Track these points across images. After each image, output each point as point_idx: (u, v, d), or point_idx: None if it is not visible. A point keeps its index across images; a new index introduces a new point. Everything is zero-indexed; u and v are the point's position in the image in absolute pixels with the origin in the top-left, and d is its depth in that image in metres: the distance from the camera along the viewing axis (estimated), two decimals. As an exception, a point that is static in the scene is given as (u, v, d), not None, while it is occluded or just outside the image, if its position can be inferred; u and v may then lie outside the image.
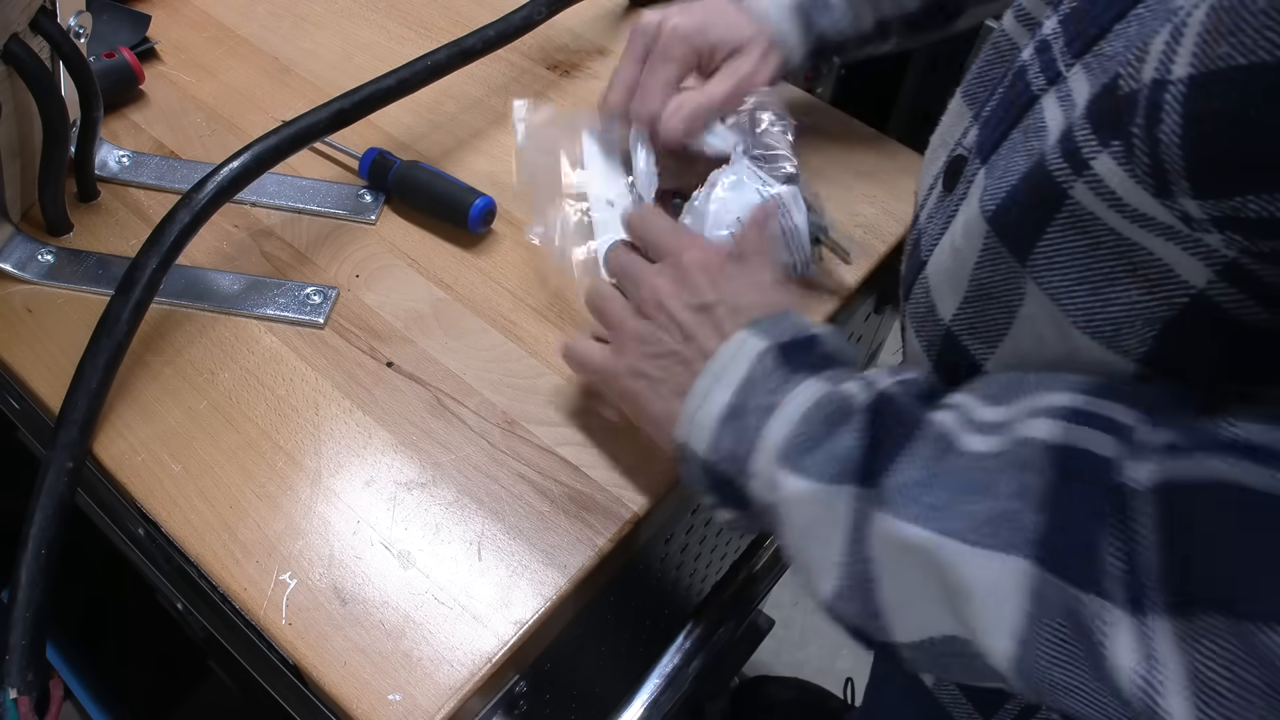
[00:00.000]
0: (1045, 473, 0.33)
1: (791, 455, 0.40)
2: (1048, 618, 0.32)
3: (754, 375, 0.43)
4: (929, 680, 0.55)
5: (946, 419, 0.37)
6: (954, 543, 0.34)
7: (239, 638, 0.53)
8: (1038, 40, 0.41)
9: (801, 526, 0.40)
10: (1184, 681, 0.29)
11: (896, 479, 0.37)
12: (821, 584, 0.39)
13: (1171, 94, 0.28)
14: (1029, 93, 0.40)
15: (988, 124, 0.44)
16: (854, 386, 0.41)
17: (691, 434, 0.44)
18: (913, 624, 0.37)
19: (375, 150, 0.67)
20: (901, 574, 0.36)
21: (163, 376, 0.56)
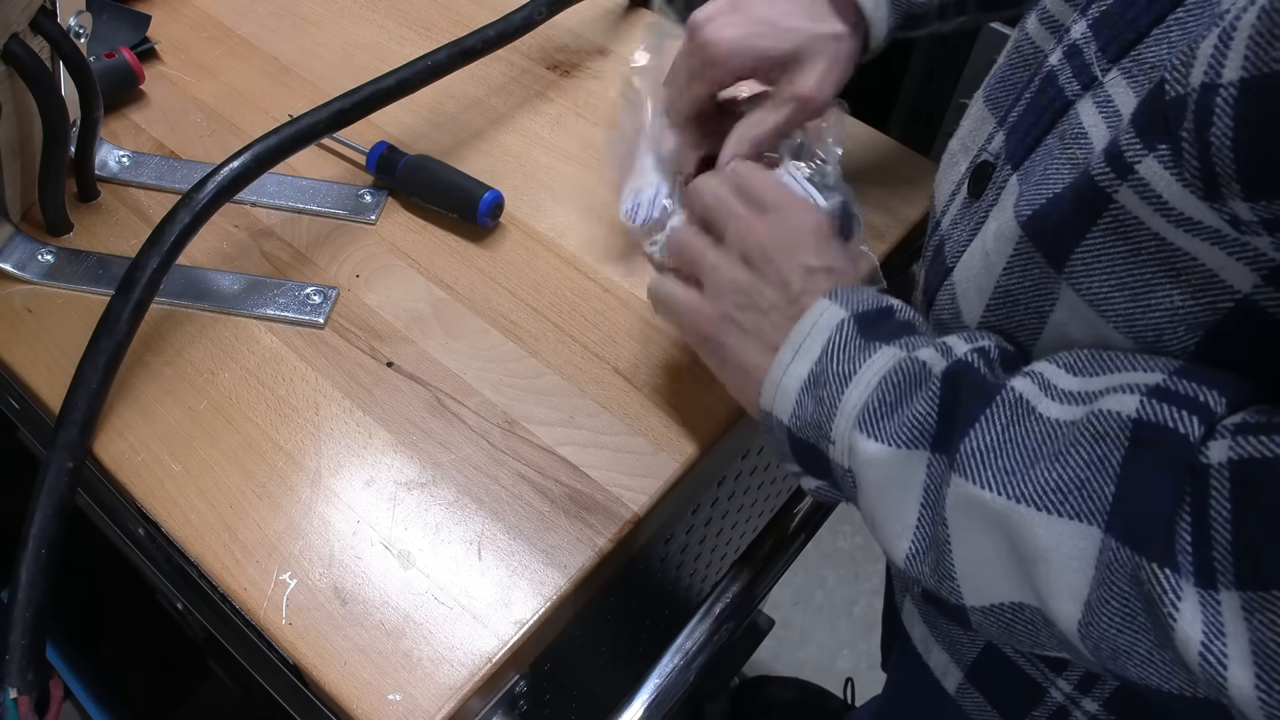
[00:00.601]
0: (1122, 445, 0.33)
1: (868, 420, 0.41)
2: (1116, 585, 0.32)
3: (833, 344, 0.43)
4: (951, 687, 0.54)
5: (1023, 385, 0.38)
6: (1026, 508, 0.35)
7: (239, 638, 0.53)
8: (1066, 45, 0.41)
9: (877, 490, 0.41)
10: (1248, 652, 0.29)
11: (971, 444, 0.37)
12: (896, 546, 0.40)
13: (1223, 97, 0.29)
14: (1062, 98, 0.40)
15: (1016, 130, 0.43)
16: (929, 353, 0.41)
17: (776, 402, 0.45)
18: (984, 588, 0.38)
19: (384, 144, 0.67)
20: (973, 538, 0.37)
21: (163, 376, 0.56)
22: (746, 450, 0.69)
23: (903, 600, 0.58)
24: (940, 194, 0.51)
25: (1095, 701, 0.47)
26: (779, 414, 0.45)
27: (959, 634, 0.52)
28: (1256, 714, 0.30)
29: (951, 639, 0.53)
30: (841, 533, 1.54)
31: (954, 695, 0.54)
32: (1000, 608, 0.38)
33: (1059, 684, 0.48)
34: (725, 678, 1.24)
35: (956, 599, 0.39)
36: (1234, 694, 0.30)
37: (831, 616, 1.46)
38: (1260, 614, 0.29)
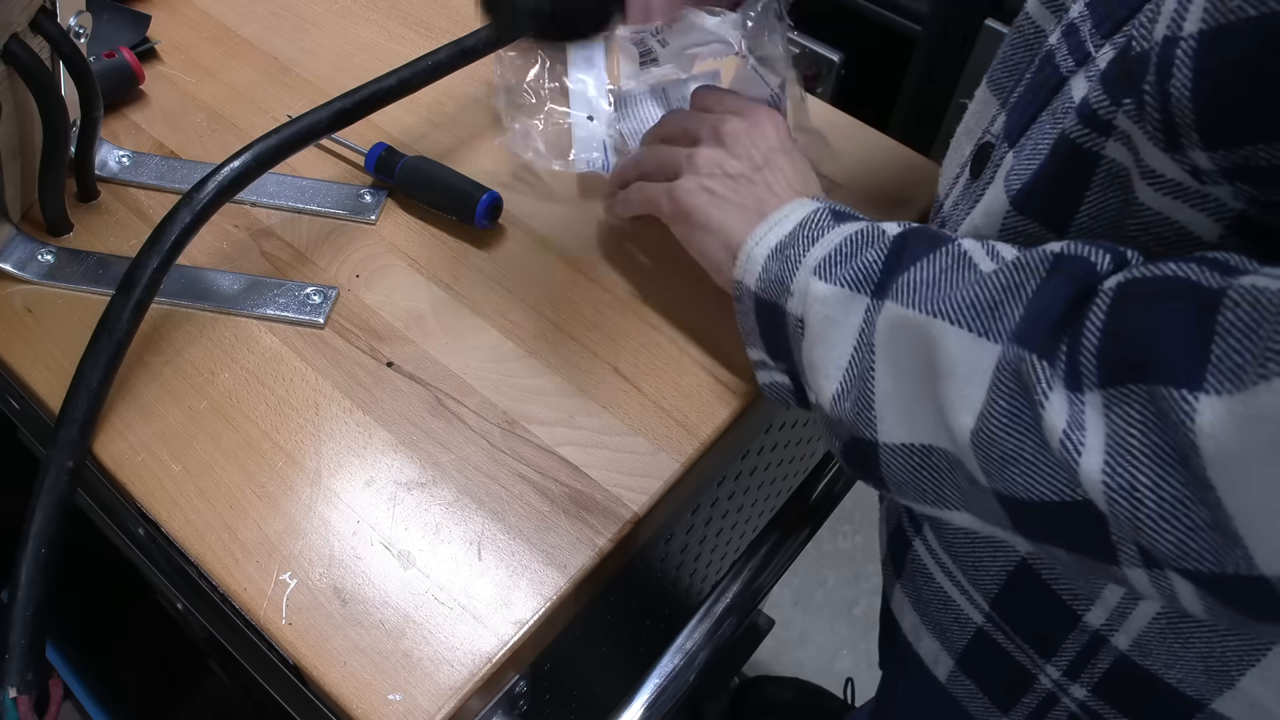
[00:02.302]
0: (1039, 273, 0.36)
1: (824, 268, 0.44)
2: (1005, 385, 0.35)
3: (806, 221, 0.48)
4: (942, 676, 0.55)
5: (970, 245, 0.40)
6: (941, 321, 0.37)
7: (239, 638, 0.53)
8: (1065, 24, 0.41)
9: (818, 329, 0.44)
10: (1102, 442, 0.32)
11: (909, 276, 0.40)
12: (826, 386, 0.43)
13: (1183, 49, 0.30)
14: (1058, 75, 0.41)
15: (1015, 109, 0.44)
16: (891, 226, 0.45)
17: (746, 269, 0.49)
18: (898, 423, 0.40)
19: (382, 145, 0.67)
20: (895, 359, 0.40)
21: (163, 376, 0.56)
22: (747, 450, 0.69)
23: (891, 589, 0.58)
24: (945, 179, 0.52)
25: (1083, 687, 0.47)
26: (747, 280, 0.49)
27: (949, 621, 0.53)
28: (1100, 498, 0.32)
29: (941, 626, 0.53)
30: (842, 533, 1.54)
31: (945, 684, 0.55)
32: (910, 448, 0.40)
33: (1048, 670, 0.48)
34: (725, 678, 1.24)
35: (871, 433, 0.41)
36: (1083, 479, 0.32)
37: (831, 617, 1.46)
38: (1116, 407, 0.31)
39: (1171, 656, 0.43)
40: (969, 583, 0.50)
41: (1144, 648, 0.43)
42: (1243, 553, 0.29)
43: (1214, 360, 0.28)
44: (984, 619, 0.50)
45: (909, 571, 0.55)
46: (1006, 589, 0.48)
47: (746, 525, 0.88)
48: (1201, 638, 0.41)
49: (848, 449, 0.44)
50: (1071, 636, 0.46)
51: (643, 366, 0.58)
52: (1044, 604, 0.46)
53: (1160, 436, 0.30)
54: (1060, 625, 0.46)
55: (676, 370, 0.58)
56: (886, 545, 0.59)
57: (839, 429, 0.44)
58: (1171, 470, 0.30)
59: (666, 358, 0.59)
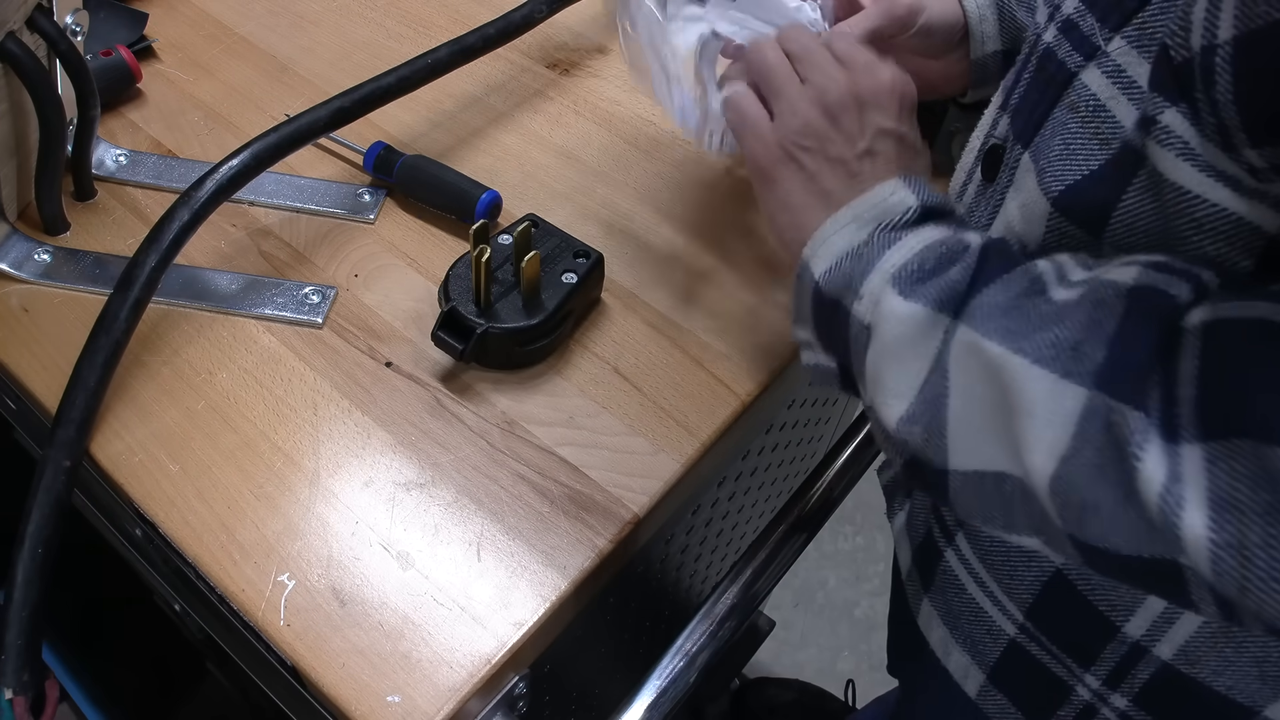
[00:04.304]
0: (1118, 310, 0.35)
1: (902, 279, 0.42)
2: (1090, 434, 0.34)
3: (890, 222, 0.45)
4: (972, 691, 0.54)
5: (1044, 267, 0.39)
6: (1022, 360, 0.36)
7: (237, 639, 0.53)
8: (1060, 21, 0.41)
9: (891, 346, 0.41)
10: (1204, 498, 0.30)
11: (984, 298, 0.39)
12: (893, 406, 0.41)
13: (1221, 56, 0.31)
14: (1064, 71, 0.41)
15: (1020, 110, 0.44)
16: (974, 236, 0.42)
17: (817, 252, 0.46)
18: (970, 450, 0.39)
19: (381, 144, 0.67)
20: (970, 388, 0.38)
21: (160, 376, 0.56)
22: (747, 451, 0.68)
23: (918, 604, 0.57)
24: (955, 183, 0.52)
25: (1125, 697, 0.46)
26: (815, 266, 0.46)
27: (981, 634, 0.52)
28: (1203, 556, 0.31)
29: (973, 639, 0.53)
30: (843, 534, 1.54)
31: (975, 698, 0.54)
32: (981, 475, 0.38)
33: (1086, 680, 0.47)
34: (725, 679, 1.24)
35: (941, 461, 0.40)
36: (1185, 534, 0.31)
37: (832, 618, 1.45)
38: (1220, 462, 0.30)
39: (1222, 663, 0.42)
40: (1003, 593, 0.49)
41: (1190, 656, 0.43)
42: None
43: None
44: (1017, 630, 0.49)
45: (939, 584, 0.54)
46: (1041, 598, 0.48)
47: (747, 526, 0.88)
48: (1257, 642, 0.41)
49: (912, 467, 0.42)
50: (1110, 647, 0.45)
51: (643, 366, 0.58)
52: (1081, 614, 0.46)
53: (1270, 494, 0.29)
54: (1098, 636, 0.46)
55: (676, 370, 0.58)
56: (912, 557, 0.58)
57: (903, 448, 0.42)
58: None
59: (666, 358, 0.59)
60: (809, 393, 0.75)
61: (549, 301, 0.56)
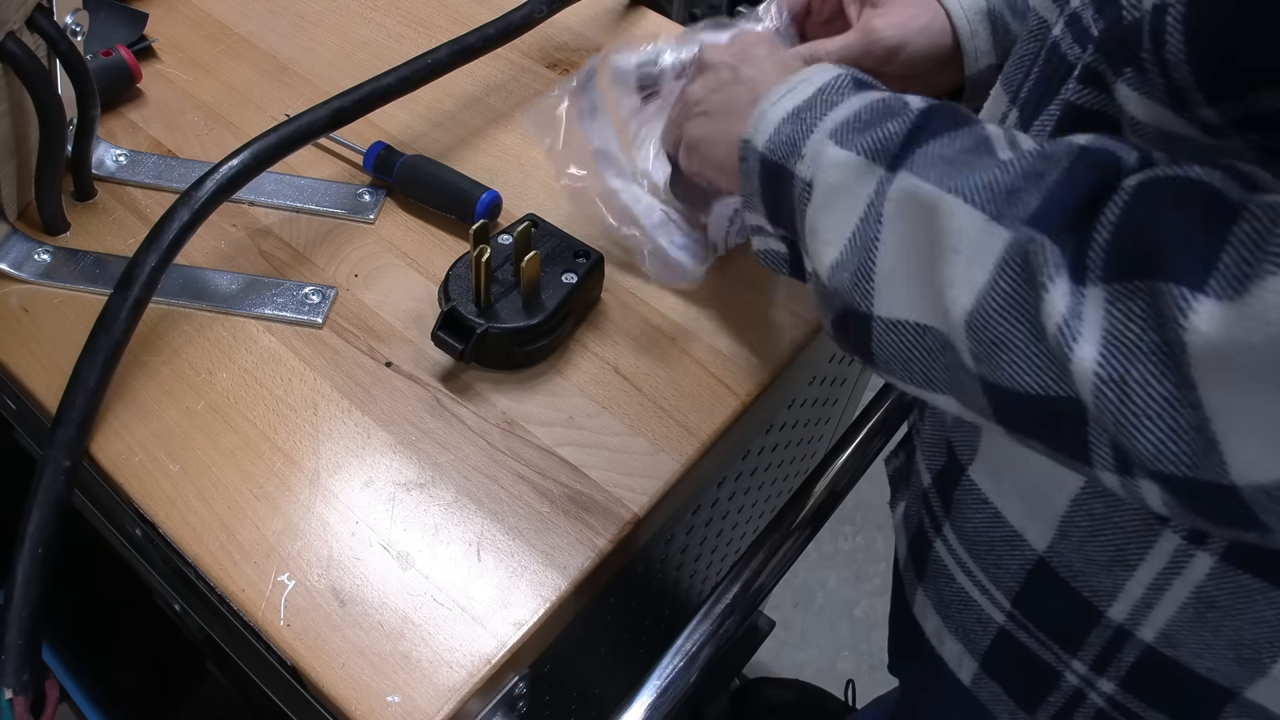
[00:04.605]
0: (1061, 163, 0.35)
1: (841, 133, 0.43)
2: (1010, 267, 0.34)
3: (828, 86, 0.46)
4: (966, 679, 0.54)
5: (994, 130, 0.39)
6: (956, 200, 0.36)
7: (237, 639, 0.53)
8: (1067, 14, 0.42)
9: (826, 195, 0.43)
10: (1098, 335, 0.32)
11: (928, 150, 0.39)
12: (826, 253, 0.42)
13: (1172, 15, 0.31)
14: (1065, 63, 0.41)
15: (1027, 104, 0.45)
16: (915, 98, 0.43)
17: (758, 127, 0.47)
18: (896, 296, 0.40)
19: (381, 144, 0.67)
20: (901, 229, 0.39)
21: (160, 376, 0.56)
22: (747, 450, 0.68)
23: (914, 593, 0.58)
24: None
25: (1111, 681, 0.46)
26: (756, 140, 0.47)
27: (972, 622, 0.52)
28: (1088, 388, 0.32)
29: (964, 627, 0.53)
30: (843, 534, 1.54)
31: (970, 686, 0.54)
32: (904, 325, 0.39)
33: (1074, 665, 0.48)
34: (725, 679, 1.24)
35: (866, 305, 0.41)
36: (1074, 368, 0.32)
37: (832, 618, 1.45)
38: (1118, 302, 0.31)
39: (1201, 646, 0.42)
40: (990, 581, 0.50)
41: (1171, 639, 0.43)
42: (1218, 459, 0.30)
43: (1221, 267, 0.29)
44: (1005, 618, 0.50)
45: (931, 573, 0.55)
46: (1027, 586, 0.48)
47: (747, 526, 0.88)
48: (1231, 625, 0.41)
49: (839, 320, 0.43)
50: (1095, 632, 0.46)
51: (643, 366, 0.58)
52: (1065, 600, 0.46)
53: (1157, 334, 0.31)
54: (1083, 621, 0.46)
55: (676, 370, 0.58)
56: (907, 548, 0.58)
57: (833, 300, 0.43)
58: (1163, 369, 0.30)
59: (666, 358, 0.59)
60: (809, 392, 0.75)
61: (549, 301, 0.56)
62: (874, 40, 0.59)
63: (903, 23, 0.59)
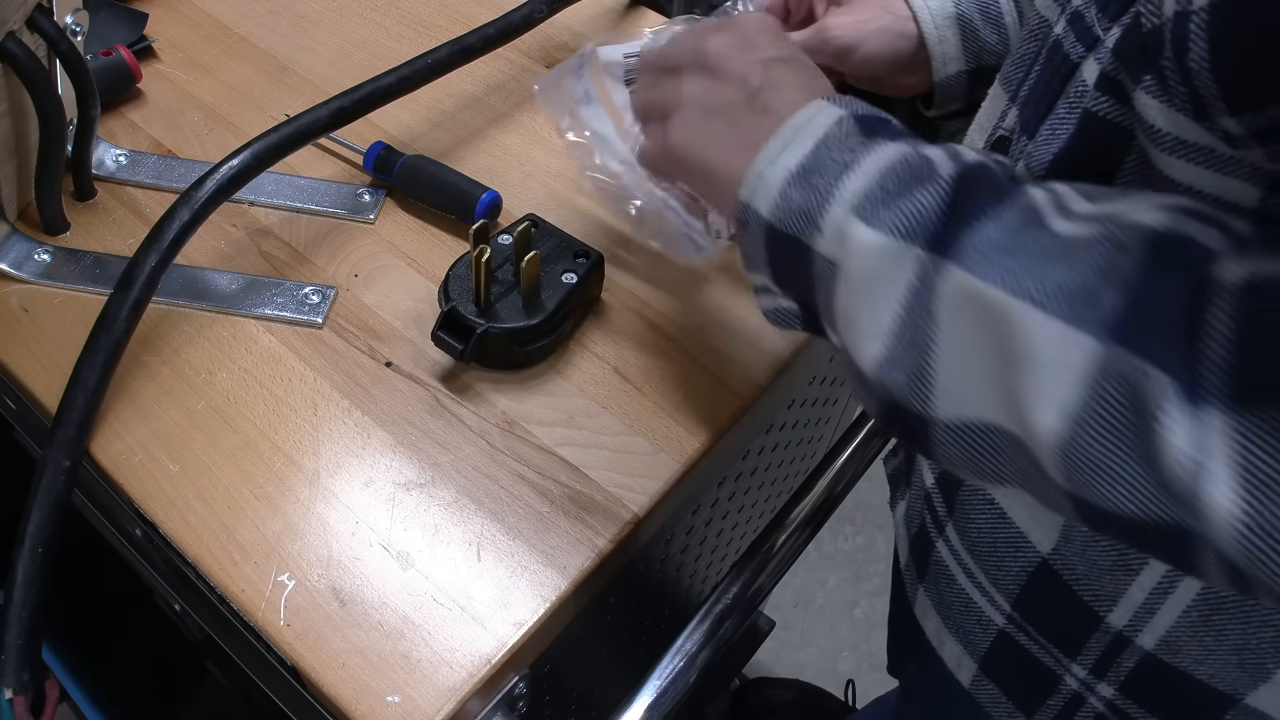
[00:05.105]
0: (1137, 255, 0.31)
1: (866, 208, 0.38)
2: (1109, 392, 0.31)
3: (830, 137, 0.41)
4: (965, 680, 0.54)
5: (1040, 196, 0.36)
6: (1026, 305, 0.32)
7: (237, 639, 0.53)
8: (1069, 13, 0.41)
9: (860, 282, 0.38)
10: (1233, 471, 0.28)
11: (977, 238, 0.35)
12: (867, 347, 0.38)
13: (1195, 23, 0.30)
14: (1068, 63, 0.41)
15: (1028, 102, 0.44)
16: (936, 153, 0.39)
17: (758, 191, 0.42)
18: (960, 398, 0.36)
19: (381, 144, 0.67)
20: (963, 334, 0.35)
21: (160, 376, 0.56)
22: (747, 450, 0.68)
23: (915, 593, 0.58)
24: None
25: (1111, 686, 0.46)
26: (759, 205, 0.42)
27: (971, 624, 0.52)
28: (1226, 531, 0.28)
29: (964, 629, 0.53)
30: (843, 534, 1.54)
31: (969, 689, 0.54)
32: (969, 426, 0.36)
33: (1073, 669, 0.48)
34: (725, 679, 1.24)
35: (925, 408, 0.37)
36: (1209, 507, 0.29)
37: (832, 618, 1.45)
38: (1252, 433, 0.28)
39: (1203, 652, 0.42)
40: (990, 584, 0.50)
41: (1172, 645, 0.43)
42: None
43: None
44: (1005, 620, 0.50)
45: (932, 574, 0.55)
46: (1027, 589, 0.48)
47: (747, 526, 0.87)
48: (1235, 630, 0.41)
49: (889, 412, 0.39)
50: (1095, 637, 0.46)
51: (643, 366, 0.58)
52: (1065, 604, 0.46)
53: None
54: (1083, 626, 0.46)
55: (676, 370, 0.58)
56: (909, 548, 0.58)
57: (877, 391, 0.39)
58: None
59: (666, 358, 0.59)
60: (809, 392, 0.75)
61: (549, 301, 0.56)
62: (826, 39, 0.59)
63: (858, 23, 0.59)
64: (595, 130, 0.59)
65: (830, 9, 0.61)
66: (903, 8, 0.59)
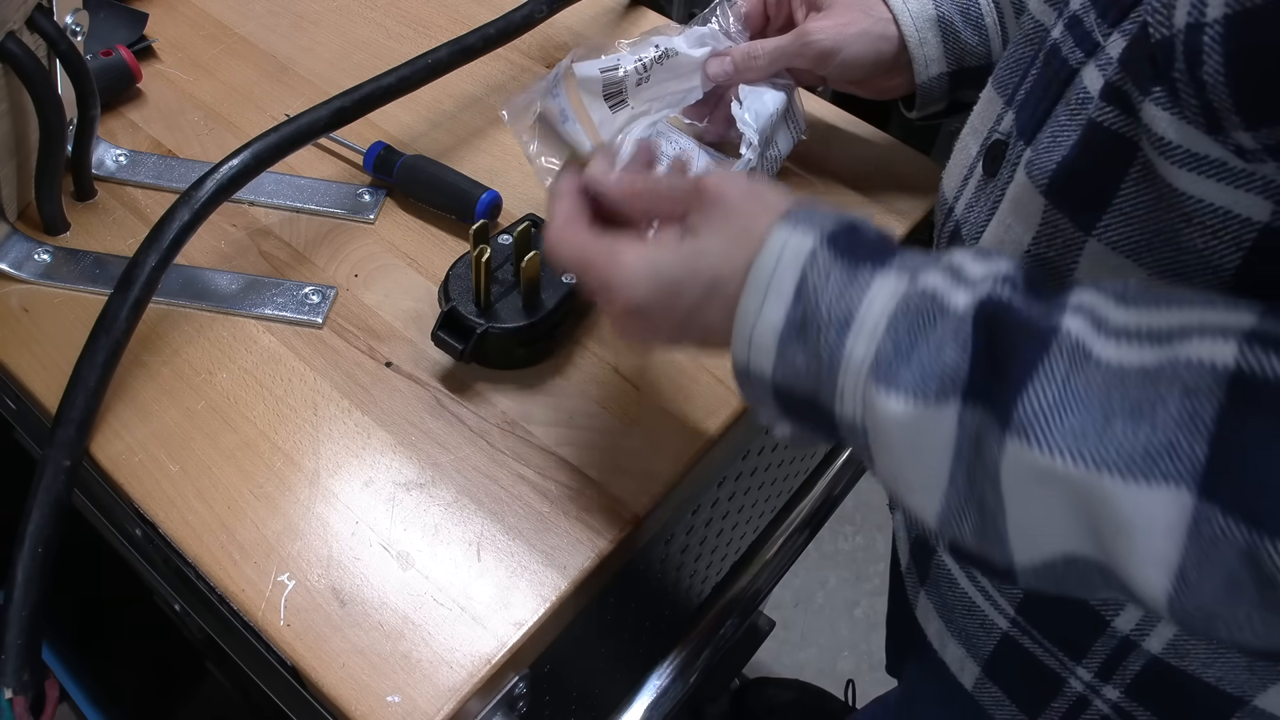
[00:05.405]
0: (1218, 398, 0.30)
1: (884, 370, 0.35)
2: (1223, 560, 0.29)
3: (811, 280, 0.37)
4: (968, 683, 0.54)
5: (1075, 325, 0.33)
6: (1109, 476, 0.31)
7: (237, 639, 0.53)
8: (1067, 17, 0.41)
9: (898, 449, 0.36)
10: None
11: (1031, 404, 0.32)
12: (924, 502, 0.36)
13: (1209, 36, 0.30)
14: (1067, 68, 0.40)
15: (1025, 106, 0.44)
16: (936, 280, 0.36)
17: (752, 356, 0.39)
18: (1042, 548, 0.34)
19: (381, 144, 0.67)
20: (1037, 504, 0.33)
21: (160, 376, 0.56)
22: (747, 450, 0.68)
23: (916, 596, 0.58)
24: (951, 181, 0.52)
25: (1116, 689, 0.46)
26: (758, 364, 0.39)
27: (974, 627, 0.52)
28: None
29: (967, 632, 0.53)
30: (843, 534, 1.54)
31: (972, 691, 0.54)
32: (1053, 563, 0.34)
33: (1078, 673, 0.47)
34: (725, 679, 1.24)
35: (1005, 561, 0.35)
36: None
37: (832, 618, 1.45)
38: None
39: (1211, 655, 0.42)
40: (994, 588, 0.50)
41: (1179, 650, 0.43)
42: None
43: None
44: (1009, 624, 0.50)
45: (934, 578, 0.55)
46: (1032, 594, 0.48)
47: (747, 526, 0.87)
48: None
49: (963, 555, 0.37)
50: (1100, 641, 0.45)
51: (643, 366, 0.58)
52: (1071, 609, 0.46)
53: None
54: (1088, 630, 0.46)
55: (676, 370, 0.58)
56: (910, 552, 0.58)
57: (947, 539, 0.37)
58: None
59: (667, 358, 0.59)
60: (809, 393, 0.75)
61: (549, 301, 0.56)
62: (807, 43, 0.59)
63: (839, 26, 0.59)
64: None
65: (810, 14, 0.61)
66: (883, 11, 0.59)
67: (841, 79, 0.63)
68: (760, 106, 0.62)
